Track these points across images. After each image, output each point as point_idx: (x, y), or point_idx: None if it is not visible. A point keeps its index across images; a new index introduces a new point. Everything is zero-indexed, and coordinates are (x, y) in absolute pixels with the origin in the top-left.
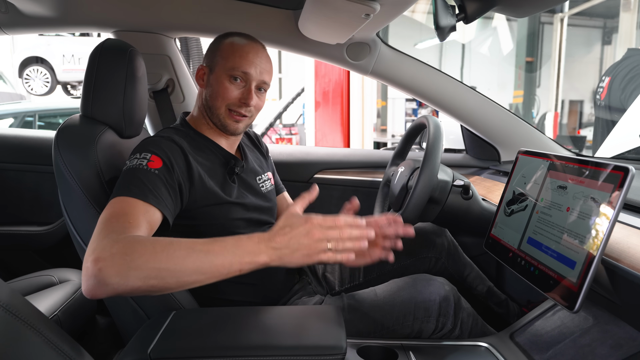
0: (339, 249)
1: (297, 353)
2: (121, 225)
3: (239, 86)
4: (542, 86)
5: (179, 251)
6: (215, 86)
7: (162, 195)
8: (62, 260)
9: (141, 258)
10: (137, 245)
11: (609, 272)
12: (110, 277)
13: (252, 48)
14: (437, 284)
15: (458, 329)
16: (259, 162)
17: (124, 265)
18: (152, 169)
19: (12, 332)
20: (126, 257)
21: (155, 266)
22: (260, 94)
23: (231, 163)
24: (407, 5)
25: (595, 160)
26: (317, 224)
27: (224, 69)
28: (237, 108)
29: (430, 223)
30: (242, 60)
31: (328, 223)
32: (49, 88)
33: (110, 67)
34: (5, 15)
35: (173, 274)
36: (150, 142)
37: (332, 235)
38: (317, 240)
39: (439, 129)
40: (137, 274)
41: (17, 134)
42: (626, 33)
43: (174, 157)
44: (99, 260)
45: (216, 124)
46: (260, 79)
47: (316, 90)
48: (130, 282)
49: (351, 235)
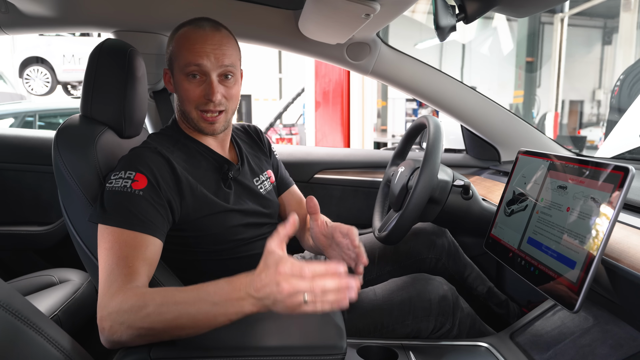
0: (318, 301)
1: (297, 353)
2: (122, 274)
3: (199, 82)
4: (542, 86)
5: (169, 313)
6: (178, 89)
7: (151, 218)
8: (62, 260)
9: (130, 318)
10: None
11: (609, 272)
12: (112, 336)
13: (199, 36)
14: (436, 283)
15: (456, 329)
16: (257, 160)
17: (119, 325)
18: (136, 191)
19: (13, 331)
20: (119, 318)
21: (145, 326)
22: (227, 82)
23: (225, 168)
24: (407, 5)
25: (595, 161)
26: (284, 274)
27: (178, 68)
28: (205, 106)
29: (431, 223)
30: (190, 53)
31: (295, 273)
32: (49, 88)
33: (110, 67)
34: (5, 15)
35: (166, 332)
36: (136, 157)
37: (303, 287)
38: (288, 295)
39: (439, 129)
40: (131, 333)
41: (17, 134)
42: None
43: (160, 173)
44: (102, 321)
45: (194, 128)
46: (219, 65)
47: (316, 90)
48: (130, 340)
49: (325, 287)
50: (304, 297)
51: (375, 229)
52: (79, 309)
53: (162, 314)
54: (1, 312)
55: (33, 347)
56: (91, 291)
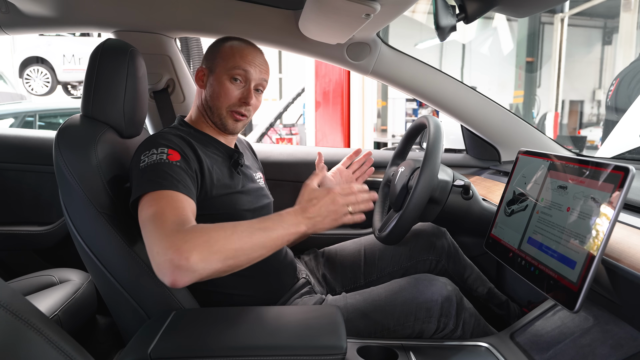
0: (357, 210)
1: (297, 353)
2: (177, 218)
3: (239, 86)
4: (542, 86)
5: (244, 232)
6: (216, 87)
7: (189, 185)
8: (63, 260)
9: (219, 243)
10: (212, 232)
11: (609, 272)
12: (196, 264)
13: (251, 50)
14: (440, 284)
15: (460, 329)
16: (251, 161)
17: (206, 251)
18: (173, 162)
19: (13, 331)
20: (206, 244)
21: (231, 247)
22: (257, 95)
23: (235, 156)
24: (407, 5)
25: (596, 160)
26: (338, 193)
27: (224, 69)
28: (238, 108)
29: (431, 224)
30: (242, 60)
31: (346, 191)
32: (49, 88)
33: (111, 67)
34: (5, 15)
35: (244, 252)
36: (161, 138)
37: (350, 200)
38: (341, 206)
39: (439, 129)
40: (218, 257)
41: (18, 134)
42: (626, 33)
43: (186, 150)
44: (183, 251)
45: (216, 123)
46: (260, 77)
47: (316, 90)
48: (214, 265)
49: (363, 198)
50: (349, 209)
51: (376, 229)
52: (79, 309)
53: (241, 236)
54: (1, 312)
55: (33, 347)
56: (91, 291)
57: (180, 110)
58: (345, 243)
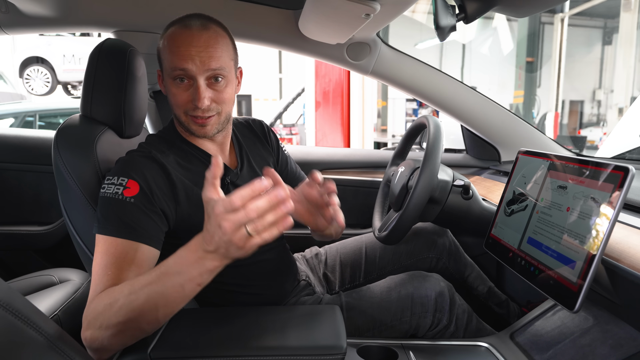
0: (260, 229)
1: (297, 353)
2: (103, 282)
3: (187, 86)
4: (542, 86)
5: (139, 299)
6: (168, 93)
7: (142, 226)
8: (62, 260)
9: (105, 317)
10: (99, 305)
11: (609, 272)
12: (92, 342)
13: (184, 37)
14: (433, 279)
15: (453, 325)
16: (259, 159)
17: (97, 330)
18: (127, 198)
19: (13, 331)
20: (96, 322)
21: (119, 320)
22: (217, 85)
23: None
24: (407, 5)
25: (596, 161)
26: (220, 214)
27: (166, 72)
28: (193, 112)
29: (431, 223)
30: (176, 56)
31: (228, 208)
32: (49, 88)
33: (110, 67)
34: (5, 15)
35: (143, 318)
36: (129, 164)
37: (240, 219)
38: (231, 232)
39: (439, 129)
40: (111, 332)
41: (18, 134)
42: (627, 33)
43: (154, 180)
44: (84, 332)
45: (187, 130)
46: (205, 68)
47: (316, 90)
48: (112, 341)
49: (259, 209)
50: (246, 230)
51: (376, 229)
52: (79, 309)
53: (132, 301)
54: (1, 311)
55: (33, 347)
56: None
57: None
58: (347, 241)
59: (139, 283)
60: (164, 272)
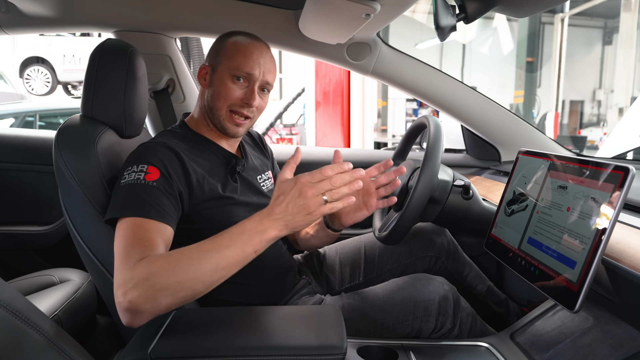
0: (335, 198)
1: (297, 353)
2: (138, 252)
3: (242, 86)
4: (542, 86)
5: (192, 258)
6: (217, 86)
7: (165, 208)
8: (63, 260)
9: (161, 278)
10: (153, 267)
11: (609, 272)
12: (141, 305)
13: (256, 48)
14: (437, 283)
15: (457, 329)
16: (259, 160)
17: (149, 290)
18: (150, 182)
19: (13, 331)
20: (148, 282)
21: (177, 280)
22: (263, 95)
23: (232, 162)
24: (407, 5)
25: (596, 161)
26: (306, 181)
27: (227, 68)
28: (239, 108)
29: (430, 223)
30: (246, 60)
31: (316, 177)
32: (49, 88)
33: (111, 67)
34: (5, 15)
35: (195, 280)
36: (146, 151)
37: (324, 187)
38: (311, 197)
39: (440, 129)
40: (164, 293)
41: (18, 134)
42: (627, 33)
43: (171, 165)
44: (126, 293)
45: (216, 125)
46: (263, 79)
47: (317, 90)
48: (162, 302)
49: (343, 181)
50: (323, 198)
51: (376, 229)
52: (79, 309)
53: (193, 263)
54: (2, 312)
55: (33, 347)
56: (91, 291)
57: (180, 110)
58: (346, 241)
59: (199, 247)
60: (227, 238)
